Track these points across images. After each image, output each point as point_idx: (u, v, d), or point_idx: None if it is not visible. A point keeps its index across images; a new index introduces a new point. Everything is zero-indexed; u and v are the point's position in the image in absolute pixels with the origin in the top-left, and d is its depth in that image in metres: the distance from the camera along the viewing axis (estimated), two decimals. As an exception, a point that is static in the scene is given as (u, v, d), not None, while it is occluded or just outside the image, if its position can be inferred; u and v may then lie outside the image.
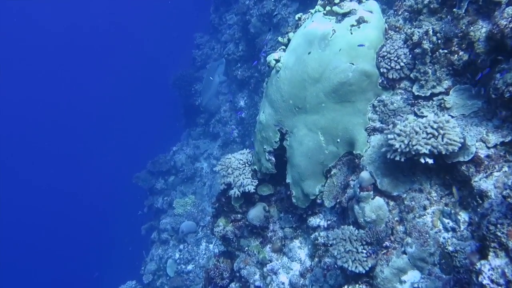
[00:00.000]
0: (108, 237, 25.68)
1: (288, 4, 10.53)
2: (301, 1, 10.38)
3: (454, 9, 3.51)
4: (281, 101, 4.05)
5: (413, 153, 2.98)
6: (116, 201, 26.31)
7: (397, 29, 3.89)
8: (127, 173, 15.23)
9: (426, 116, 3.24)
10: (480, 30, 3.16)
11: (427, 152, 2.93)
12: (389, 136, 3.11)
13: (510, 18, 2.90)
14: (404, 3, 4.62)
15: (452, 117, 3.23)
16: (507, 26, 2.88)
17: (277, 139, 4.15)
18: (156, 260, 11.12)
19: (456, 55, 3.37)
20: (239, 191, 4.34)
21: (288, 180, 4.09)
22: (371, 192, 3.27)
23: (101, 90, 38.32)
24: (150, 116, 30.58)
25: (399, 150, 3.03)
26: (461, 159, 2.92)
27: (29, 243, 31.10)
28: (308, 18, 4.27)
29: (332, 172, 3.82)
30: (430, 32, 3.47)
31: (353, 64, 3.62)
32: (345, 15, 3.82)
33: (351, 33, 3.69)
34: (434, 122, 3.00)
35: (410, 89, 3.59)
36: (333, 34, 3.72)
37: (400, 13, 4.50)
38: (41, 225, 31.43)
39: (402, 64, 3.58)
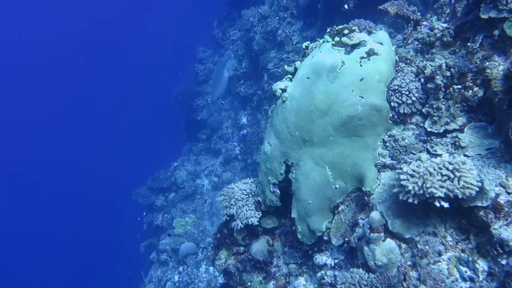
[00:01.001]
0: (106, 255, 25.34)
1: (292, 22, 10.48)
2: (305, 19, 10.32)
3: (468, 43, 3.40)
4: (287, 132, 3.92)
5: (427, 196, 2.83)
6: (115, 218, 26.00)
7: (408, 61, 3.77)
8: (126, 189, 15.06)
9: (440, 155, 3.09)
10: (497, 67, 3.03)
11: (442, 195, 2.78)
12: (401, 176, 2.96)
13: (530, 58, 2.77)
14: (414, 32, 4.52)
15: (468, 156, 3.09)
16: (526, 66, 2.75)
17: (283, 171, 4.01)
18: (155, 282, 10.91)
19: (470, 91, 3.24)
20: (242, 224, 4.18)
21: (293, 215, 3.94)
22: (382, 234, 3.11)
23: (102, 103, 38.21)
24: (151, 130, 30.38)
25: (412, 192, 2.88)
26: (479, 203, 2.77)
27: (25, 261, 30.75)
28: (315, 47, 4.16)
29: (339, 209, 3.67)
30: (444, 66, 3.34)
31: (362, 97, 3.48)
32: (354, 46, 3.70)
33: (361, 66, 3.56)
34: (450, 163, 2.86)
35: (422, 124, 3.45)
36: (342, 66, 3.60)
37: (410, 41, 4.40)
38: (38, 242, 31.05)
39: (413, 98, 3.45)
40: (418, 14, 4.70)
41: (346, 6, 7.49)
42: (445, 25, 3.60)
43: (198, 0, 29.44)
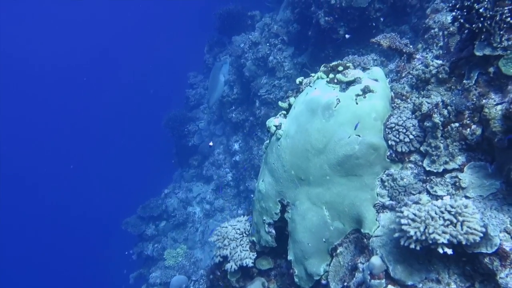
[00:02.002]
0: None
1: (283, 48, 10.51)
2: (296, 45, 10.36)
3: (464, 81, 3.36)
4: (282, 170, 3.81)
5: (430, 242, 2.73)
6: (102, 249, 25.14)
7: (403, 97, 3.72)
8: (116, 218, 14.73)
9: (441, 197, 3.01)
10: (495, 107, 2.98)
11: (445, 241, 2.68)
12: (402, 220, 2.86)
13: (529, 99, 2.72)
14: (407, 65, 4.50)
15: (469, 198, 3.01)
16: (526, 107, 2.69)
17: (278, 210, 3.89)
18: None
19: (468, 129, 3.18)
20: (236, 265, 4.03)
21: (290, 257, 3.80)
22: (383, 281, 2.99)
23: (91, 129, 37.64)
24: (141, 157, 29.64)
25: (414, 237, 2.78)
26: (484, 250, 2.67)
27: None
28: (309, 82, 4.09)
29: (338, 251, 3.54)
30: (440, 104, 3.29)
31: (359, 136, 3.41)
32: (349, 83, 3.64)
33: (357, 103, 3.50)
34: (451, 206, 2.77)
35: (420, 163, 3.37)
36: (338, 103, 3.53)
37: (404, 75, 4.36)
38: (23, 273, 29.99)
39: (411, 136, 3.38)
40: (411, 47, 4.68)
41: (347, 36, 7.60)
42: (440, 61, 3.56)
43: (188, 26, 29.65)
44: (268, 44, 10.77)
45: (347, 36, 7.49)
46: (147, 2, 36.72)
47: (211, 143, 10.31)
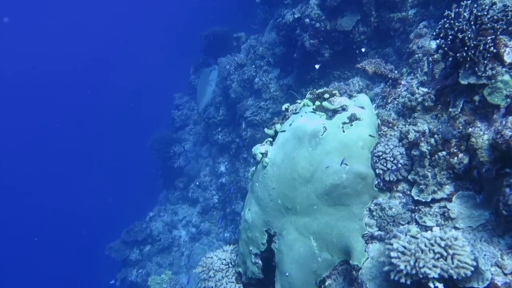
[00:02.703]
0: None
1: (269, 70, 10.53)
2: (282, 67, 10.41)
3: (450, 109, 3.35)
4: (268, 200, 3.73)
5: (421, 276, 2.66)
6: (85, 276, 24.20)
7: (390, 124, 3.70)
8: (99, 244, 14.35)
9: (430, 228, 2.95)
10: (482, 136, 2.96)
11: (436, 276, 2.61)
12: (392, 253, 2.79)
13: (516, 129, 2.71)
14: (393, 90, 4.50)
15: (458, 229, 2.96)
16: (513, 138, 2.68)
17: (265, 240, 3.79)
18: None
19: (455, 158, 3.16)
20: (222, 298, 3.90)
21: (277, 290, 3.69)
22: (374, 316, 2.90)
23: (75, 151, 36.90)
24: (126, 178, 28.97)
25: (404, 271, 2.71)
26: (475, 285, 2.61)
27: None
28: (295, 109, 4.06)
29: (326, 283, 3.45)
30: (427, 133, 3.27)
31: (347, 164, 3.36)
32: (335, 111, 3.62)
33: (343, 131, 3.46)
34: (441, 238, 2.71)
35: (409, 192, 3.33)
36: (324, 131, 3.49)
37: (389, 101, 4.36)
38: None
39: (399, 165, 3.34)
40: (396, 72, 4.70)
41: (363, 50, 7.62)
42: (425, 89, 3.56)
43: (174, 47, 29.70)
44: (254, 66, 10.80)
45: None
46: (133, 22, 36.87)
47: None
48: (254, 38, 11.95)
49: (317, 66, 8.36)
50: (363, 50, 7.61)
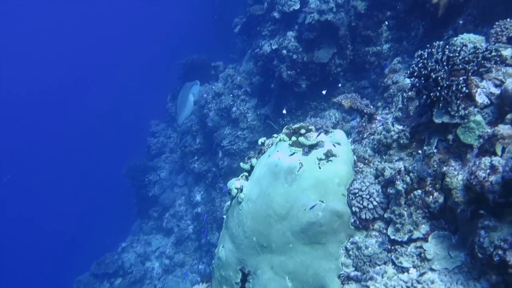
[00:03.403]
0: None
1: (246, 99, 10.55)
2: (259, 97, 10.45)
3: (424, 147, 3.37)
4: (243, 237, 3.63)
5: (398, 320, 2.59)
6: None
7: (366, 161, 3.69)
8: (68, 277, 13.75)
9: (406, 270, 2.91)
10: (457, 176, 2.97)
11: (413, 321, 2.55)
12: (368, 297, 2.72)
13: (488, 171, 2.72)
14: (368, 125, 4.53)
15: (434, 270, 2.92)
16: (486, 179, 2.68)
17: (239, 280, 3.67)
18: None
19: (431, 197, 3.15)
20: None
21: (252, 332, 3.55)
22: None
23: (47, 178, 35.65)
24: (99, 207, 27.87)
25: (381, 316, 2.64)
26: (452, 330, 2.55)
27: None
28: (272, 143, 4.02)
29: (302, 326, 3.33)
30: (403, 171, 3.26)
31: (322, 202, 3.31)
32: (312, 147, 3.59)
33: (320, 168, 3.43)
34: (418, 282, 2.68)
35: (385, 231, 3.29)
36: (300, 168, 3.45)
37: (365, 136, 4.38)
38: None
39: (375, 203, 3.32)
40: (371, 107, 4.75)
41: (323, 92, 7.77)
42: (400, 127, 3.59)
43: (150, 73, 29.65)
44: (231, 95, 10.82)
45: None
46: (112, 47, 36.79)
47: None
48: (232, 67, 12.02)
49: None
50: (339, 85, 7.77)
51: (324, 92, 8.07)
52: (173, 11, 28.80)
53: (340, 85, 8.24)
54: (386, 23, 6.77)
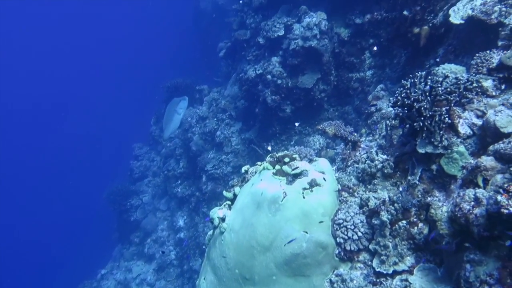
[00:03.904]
0: None
1: (231, 123, 10.52)
2: (244, 121, 10.43)
3: (408, 177, 3.35)
4: (225, 268, 3.52)
5: None
6: None
7: (350, 190, 3.65)
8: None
9: (392, 304, 2.84)
10: (441, 208, 2.94)
11: None
12: (354, 333, 2.63)
13: (472, 203, 2.70)
14: (352, 152, 4.51)
15: (421, 304, 2.86)
16: (471, 212, 2.66)
17: (221, 313, 3.54)
18: None
19: (415, 228, 3.12)
20: None
21: None
22: None
23: (27, 197, 34.72)
24: (79, 232, 26.99)
25: None
26: None
27: None
28: (255, 171, 3.96)
29: None
30: (387, 201, 3.23)
31: (307, 232, 3.24)
32: (296, 176, 3.54)
33: (304, 197, 3.37)
34: (404, 317, 2.60)
35: (370, 263, 3.23)
36: (284, 197, 3.39)
37: (349, 163, 4.36)
38: None
39: (359, 234, 3.26)
40: (355, 134, 4.75)
41: (296, 124, 7.80)
42: (384, 156, 3.57)
43: (134, 96, 29.48)
44: (215, 119, 10.78)
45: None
46: (94, 70, 36.62)
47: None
48: (217, 91, 12.02)
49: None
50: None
51: (297, 124, 8.19)
52: (158, 34, 28.96)
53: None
54: (375, 48, 6.76)
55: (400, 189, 3.34)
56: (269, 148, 7.72)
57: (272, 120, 9.03)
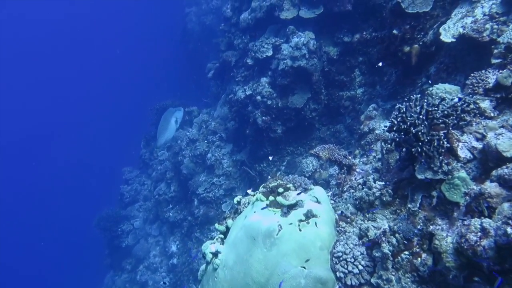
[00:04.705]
0: None
1: (221, 145, 10.36)
2: (235, 142, 10.29)
3: (408, 205, 3.21)
4: (220, 308, 3.32)
5: None
6: None
7: (348, 219, 3.49)
8: None
9: None
10: (446, 239, 2.80)
11: None
12: None
13: (479, 234, 2.56)
14: (348, 177, 4.37)
15: None
16: (478, 243, 2.51)
17: None
18: None
19: (419, 259, 2.96)
20: None
21: None
22: None
23: (14, 224, 33.88)
24: (68, 259, 26.30)
25: None
26: None
27: None
28: (248, 202, 3.79)
29: None
30: (388, 232, 3.08)
31: (305, 268, 3.06)
32: (291, 207, 3.38)
33: (300, 230, 3.20)
34: None
35: (373, 298, 3.06)
36: (280, 231, 3.21)
37: (345, 189, 4.21)
38: None
39: (360, 267, 3.09)
40: (350, 158, 4.62)
41: (270, 158, 7.66)
42: (382, 183, 3.43)
43: (123, 120, 29.17)
44: (206, 141, 10.62)
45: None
46: (83, 94, 36.37)
47: None
48: (206, 113, 11.89)
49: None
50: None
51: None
52: (145, 56, 28.89)
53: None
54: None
55: (401, 217, 3.19)
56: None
57: (263, 141, 8.89)
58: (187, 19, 18.00)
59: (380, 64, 5.63)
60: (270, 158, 7.95)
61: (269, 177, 5.19)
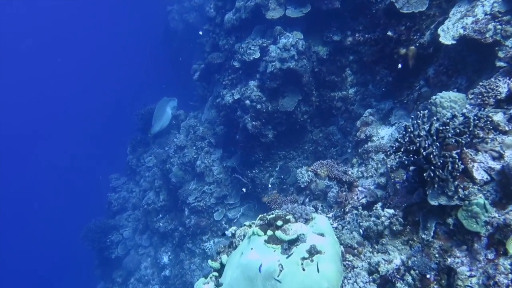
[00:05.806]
0: None
1: (211, 151, 10.00)
2: (224, 147, 9.94)
3: (421, 234, 2.90)
4: None
5: None
6: None
7: (355, 251, 3.17)
8: None
9: None
10: (470, 280, 2.49)
11: None
12: None
13: (510, 276, 2.25)
14: (349, 194, 4.05)
15: None
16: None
17: None
18: None
19: (438, 297, 2.66)
20: None
21: None
22: None
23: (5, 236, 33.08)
24: (59, 272, 25.61)
25: None
26: None
27: None
28: (244, 235, 3.44)
29: None
30: (402, 269, 2.76)
31: (311, 313, 2.73)
32: (292, 242, 3.04)
33: (303, 270, 2.86)
34: None
35: None
36: (281, 271, 2.87)
37: (347, 209, 3.89)
38: None
39: (373, 309, 2.78)
40: (350, 173, 4.30)
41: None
42: (391, 211, 3.11)
43: (108, 125, 28.43)
44: (194, 147, 10.23)
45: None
46: (66, 98, 35.53)
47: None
48: (194, 116, 11.49)
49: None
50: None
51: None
52: (128, 58, 28.14)
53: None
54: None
55: (414, 249, 2.88)
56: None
57: (254, 146, 8.54)
58: (169, 17, 17.45)
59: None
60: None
61: (265, 197, 4.86)
